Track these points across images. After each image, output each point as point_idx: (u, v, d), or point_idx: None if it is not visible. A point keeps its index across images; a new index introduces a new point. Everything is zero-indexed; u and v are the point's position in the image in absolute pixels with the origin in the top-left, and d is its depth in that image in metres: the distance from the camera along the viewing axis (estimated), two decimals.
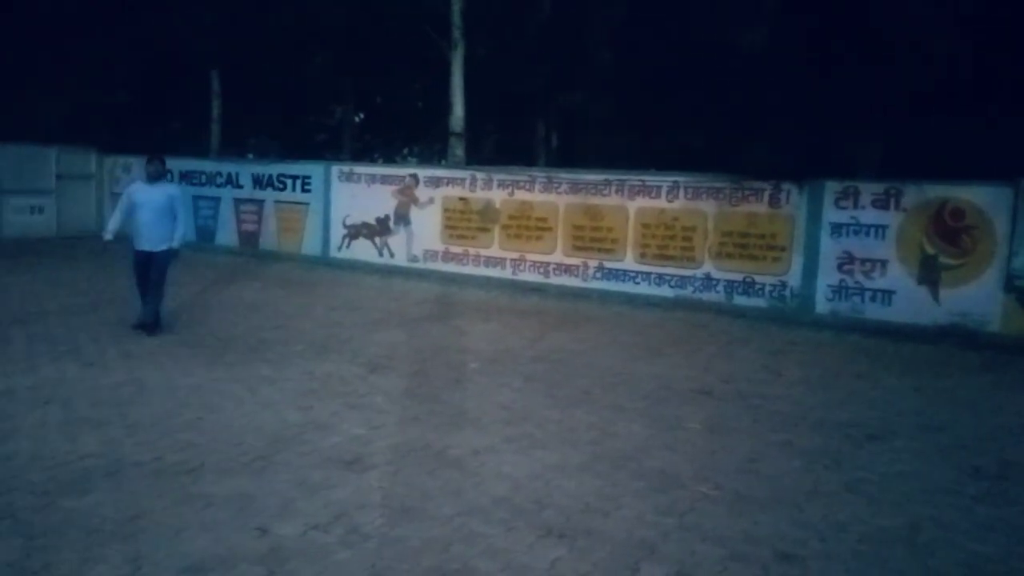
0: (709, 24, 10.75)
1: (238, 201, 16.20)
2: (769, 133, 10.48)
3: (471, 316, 10.09)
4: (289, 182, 15.46)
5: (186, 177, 16.78)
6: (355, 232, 14.57)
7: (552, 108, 16.62)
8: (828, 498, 4.57)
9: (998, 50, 9.22)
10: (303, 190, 15.25)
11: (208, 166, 16.77)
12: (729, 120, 11.10)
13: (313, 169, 15.25)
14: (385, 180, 14.24)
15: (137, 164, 16.95)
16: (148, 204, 8.08)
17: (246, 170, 16.23)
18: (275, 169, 15.77)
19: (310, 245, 15.20)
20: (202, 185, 16.67)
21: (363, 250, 14.47)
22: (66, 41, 16.88)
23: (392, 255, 14.12)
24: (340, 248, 14.79)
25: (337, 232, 14.82)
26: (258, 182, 15.90)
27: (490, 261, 13.03)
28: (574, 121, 15.96)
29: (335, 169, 14.94)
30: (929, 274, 9.63)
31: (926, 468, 5.14)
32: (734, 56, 10.45)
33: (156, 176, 8.26)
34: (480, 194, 13.09)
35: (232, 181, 16.29)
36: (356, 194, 14.50)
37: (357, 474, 4.57)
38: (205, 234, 16.56)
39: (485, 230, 13.07)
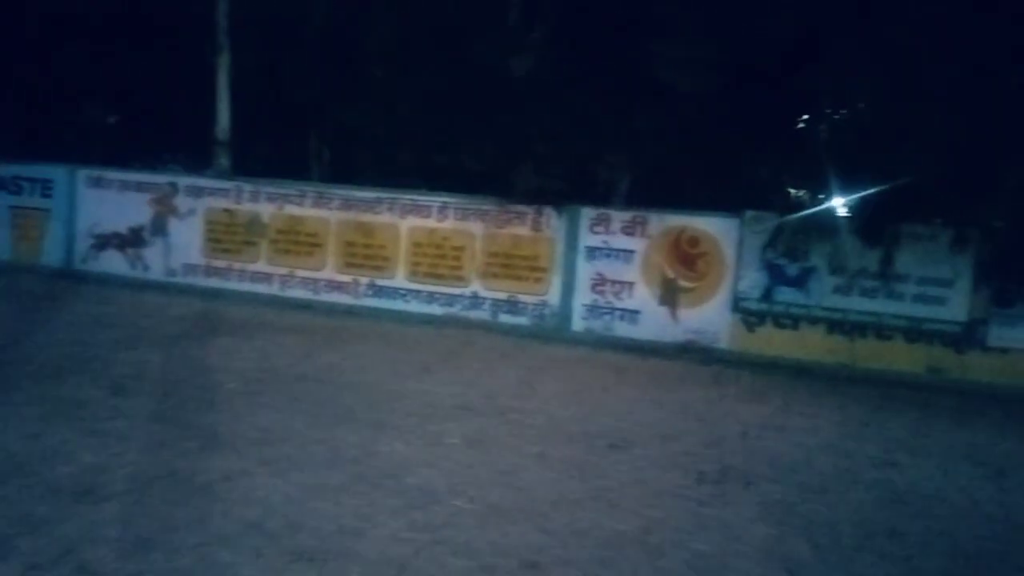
0: (480, 48, 11.12)
1: None
2: (533, 158, 11.02)
3: (234, 334, 9.66)
4: (27, 185, 13.98)
5: None
6: (104, 242, 13.44)
7: (326, 122, 16.36)
8: (574, 506, 4.88)
9: (739, 96, 10.29)
10: (43, 195, 13.84)
11: None
12: (499, 144, 11.54)
13: (55, 172, 13.89)
14: (141, 187, 13.28)
15: None
16: None
17: None
18: (10, 171, 14.18)
19: (51, 255, 13.80)
20: None
21: (113, 262, 13.38)
22: None
23: (147, 268, 13.19)
24: (86, 259, 13.57)
25: (83, 242, 13.59)
26: None
27: (256, 276, 12.56)
28: (349, 136, 15.81)
29: (82, 173, 13.71)
30: (669, 295, 10.61)
31: (660, 474, 5.64)
32: (504, 81, 10.89)
33: None
34: (247, 207, 12.61)
35: None
36: (106, 201, 13.41)
37: (90, 506, 4.23)
38: None
39: (251, 244, 12.60)
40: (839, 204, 11.86)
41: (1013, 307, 9.52)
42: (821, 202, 11.87)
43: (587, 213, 10.93)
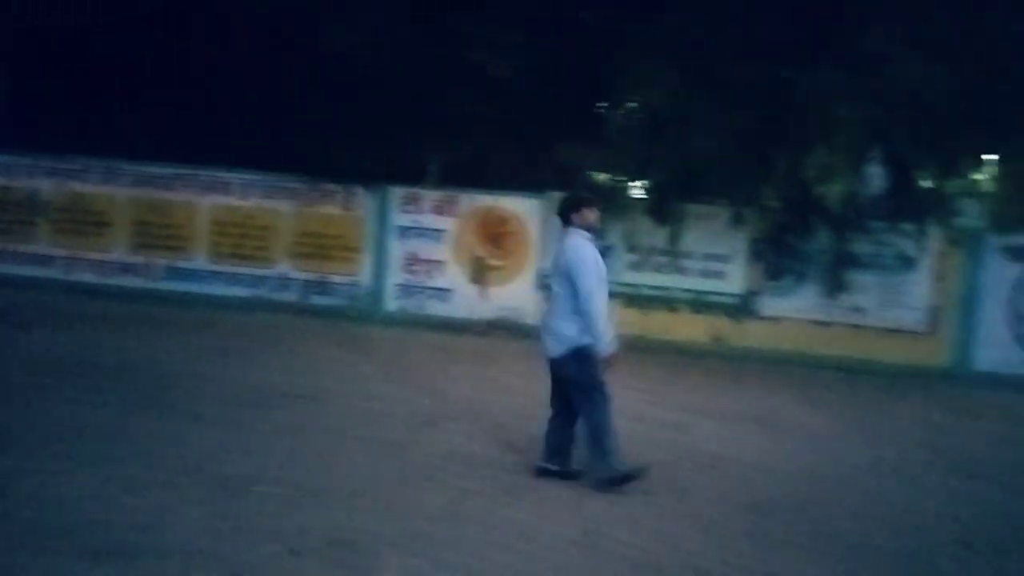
0: (294, 23, 10.70)
1: None
2: (344, 137, 10.84)
3: (14, 321, 8.86)
4: None
5: None
6: None
7: (119, 93, 15.11)
8: (388, 483, 4.95)
9: (545, 81, 10.59)
10: None
11: None
12: (310, 122, 11.23)
13: None
14: None
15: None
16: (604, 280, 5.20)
17: None
18: None
19: None
20: None
21: None
22: None
23: None
24: None
25: None
26: None
27: (36, 259, 11.51)
28: (147, 109, 14.69)
29: None
30: (478, 274, 10.88)
31: (472, 447, 5.85)
32: (316, 58, 10.57)
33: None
34: (22, 182, 11.52)
35: None
36: None
37: None
38: None
39: (29, 223, 11.52)
40: (634, 186, 12.57)
41: (782, 280, 10.58)
42: (619, 184, 12.52)
43: (397, 192, 10.94)
